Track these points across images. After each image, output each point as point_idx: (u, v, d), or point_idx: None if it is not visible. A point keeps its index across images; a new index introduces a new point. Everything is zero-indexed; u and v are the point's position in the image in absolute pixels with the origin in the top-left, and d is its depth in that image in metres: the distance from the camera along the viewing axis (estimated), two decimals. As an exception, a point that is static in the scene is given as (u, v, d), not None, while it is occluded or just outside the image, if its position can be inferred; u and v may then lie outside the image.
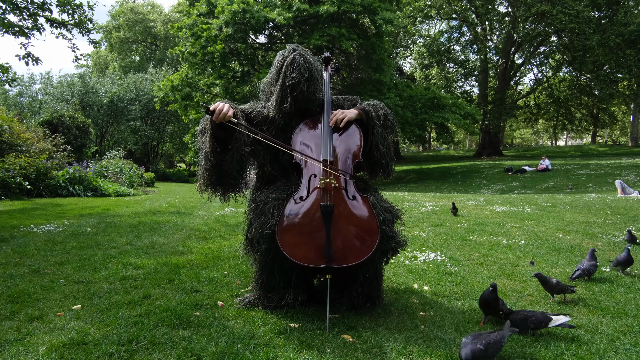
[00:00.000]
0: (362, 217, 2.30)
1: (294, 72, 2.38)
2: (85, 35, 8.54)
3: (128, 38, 36.90)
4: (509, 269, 3.44)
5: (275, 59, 2.53)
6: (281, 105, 2.45)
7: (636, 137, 32.98)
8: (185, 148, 26.07)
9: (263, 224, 2.28)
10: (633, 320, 2.39)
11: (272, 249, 2.31)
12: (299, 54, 2.42)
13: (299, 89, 2.40)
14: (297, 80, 2.38)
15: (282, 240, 2.23)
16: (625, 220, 5.53)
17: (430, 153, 45.08)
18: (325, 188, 2.26)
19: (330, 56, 2.82)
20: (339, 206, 2.28)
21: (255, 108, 2.58)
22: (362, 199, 2.35)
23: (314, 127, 2.52)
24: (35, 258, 3.50)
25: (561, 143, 54.87)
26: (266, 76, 2.64)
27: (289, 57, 2.43)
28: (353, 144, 2.50)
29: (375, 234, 2.25)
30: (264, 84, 2.68)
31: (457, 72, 31.97)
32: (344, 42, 17.08)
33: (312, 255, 2.21)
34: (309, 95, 2.46)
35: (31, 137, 10.61)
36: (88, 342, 1.98)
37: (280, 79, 2.43)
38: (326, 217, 2.21)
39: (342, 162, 2.45)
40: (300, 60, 2.40)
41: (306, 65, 2.41)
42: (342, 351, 1.97)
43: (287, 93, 2.42)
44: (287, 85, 2.40)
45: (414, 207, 6.99)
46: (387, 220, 2.37)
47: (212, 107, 2.22)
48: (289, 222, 2.27)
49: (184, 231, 4.92)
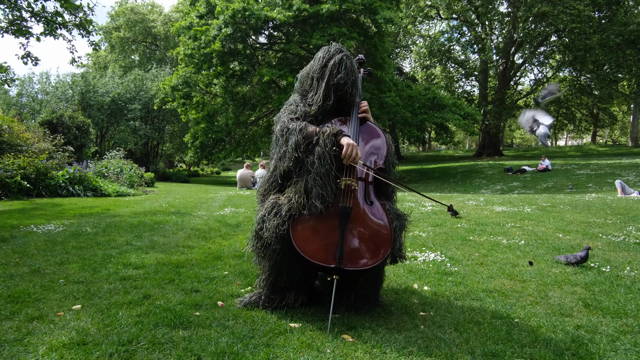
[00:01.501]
0: (377, 224, 2.31)
1: (341, 72, 2.41)
2: (85, 37, 8.55)
3: (128, 38, 36.90)
4: (509, 269, 3.44)
5: (318, 55, 2.55)
6: (325, 102, 2.46)
7: (636, 137, 32.99)
8: (185, 148, 26.06)
9: (279, 225, 2.25)
10: (633, 320, 2.39)
11: (285, 249, 2.30)
12: (346, 56, 2.46)
13: (344, 90, 2.43)
14: (344, 81, 2.41)
15: (295, 235, 2.22)
16: (625, 220, 5.53)
17: (430, 153, 45.08)
18: (346, 189, 2.26)
19: (364, 59, 2.83)
20: (356, 209, 2.28)
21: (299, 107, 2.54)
22: (380, 205, 2.36)
23: (342, 127, 2.51)
24: (35, 258, 3.50)
25: (561, 143, 54.88)
26: (306, 68, 2.65)
27: (336, 56, 2.46)
28: (377, 150, 2.52)
29: (388, 242, 2.26)
30: (303, 75, 2.66)
31: (458, 72, 31.99)
32: (345, 42, 17.08)
33: (324, 253, 2.20)
34: (351, 97, 2.49)
35: (31, 137, 10.62)
36: (88, 342, 1.98)
37: (325, 76, 2.45)
38: (343, 217, 2.21)
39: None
40: (348, 62, 2.44)
41: (352, 68, 2.46)
42: (342, 351, 1.97)
43: (331, 91, 2.44)
44: (332, 83, 2.42)
45: (414, 207, 6.98)
46: (397, 228, 2.39)
47: (344, 149, 2.22)
48: (305, 219, 2.26)
49: (184, 231, 4.92)
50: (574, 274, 3.29)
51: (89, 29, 8.44)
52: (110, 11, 37.40)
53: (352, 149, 2.21)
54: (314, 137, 2.29)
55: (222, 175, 34.68)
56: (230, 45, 18.58)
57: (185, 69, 20.20)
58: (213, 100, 22.21)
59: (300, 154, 2.29)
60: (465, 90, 33.29)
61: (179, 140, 27.82)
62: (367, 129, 2.57)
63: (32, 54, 8.26)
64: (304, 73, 2.65)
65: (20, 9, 7.77)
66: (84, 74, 25.00)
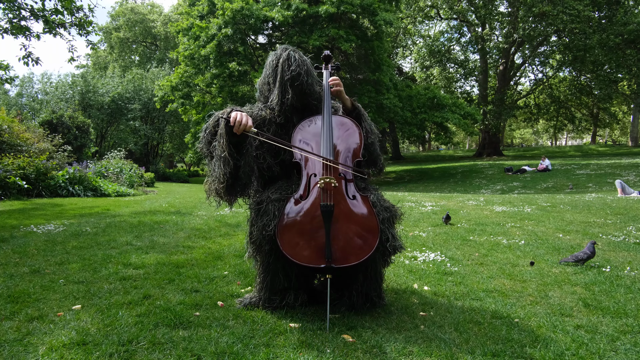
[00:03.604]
0: (362, 217, 2.30)
1: (292, 64, 2.46)
2: (83, 36, 8.55)
3: (128, 38, 36.90)
4: (509, 269, 3.44)
5: (268, 60, 2.61)
6: (283, 98, 2.50)
7: (636, 137, 32.99)
8: (186, 148, 26.05)
9: (265, 225, 2.29)
10: (633, 320, 2.39)
11: (275, 250, 2.31)
12: (293, 50, 2.53)
13: (299, 80, 2.46)
14: (297, 72, 2.45)
15: (282, 241, 2.23)
16: (625, 220, 5.53)
17: (430, 153, 45.08)
18: (325, 187, 2.26)
19: (330, 54, 2.85)
20: (339, 206, 2.28)
21: (253, 111, 2.60)
22: (362, 198, 2.36)
23: (313, 125, 2.53)
24: (35, 258, 3.50)
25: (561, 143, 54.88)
26: (261, 76, 2.70)
27: (283, 54, 2.51)
28: (353, 143, 2.52)
29: (375, 234, 2.26)
30: (259, 84, 2.71)
31: (457, 72, 31.99)
32: (343, 44, 17.09)
33: (312, 255, 2.21)
34: (309, 87, 2.52)
35: (31, 137, 10.62)
36: (88, 342, 1.98)
37: (278, 74, 2.50)
38: (326, 216, 2.21)
39: (343, 161, 2.46)
40: (296, 55, 2.49)
41: (302, 59, 2.50)
42: (342, 351, 1.97)
43: (287, 86, 2.48)
44: (286, 78, 2.46)
45: (414, 207, 6.98)
46: (386, 220, 2.37)
47: (231, 117, 2.23)
48: (289, 222, 2.28)
49: (184, 231, 4.92)
50: (574, 274, 3.29)
51: (89, 29, 8.44)
52: (111, 11, 37.42)
53: (239, 116, 2.23)
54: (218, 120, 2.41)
55: (222, 175, 34.61)
56: (230, 45, 18.58)
57: (186, 68, 20.20)
58: (213, 100, 22.21)
59: (208, 134, 2.45)
60: (465, 91, 33.29)
61: (179, 140, 27.82)
62: (340, 121, 2.57)
63: (33, 55, 8.25)
64: (260, 82, 2.70)
65: (19, 7, 7.77)
66: (83, 74, 25.00)
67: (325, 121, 2.48)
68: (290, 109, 2.54)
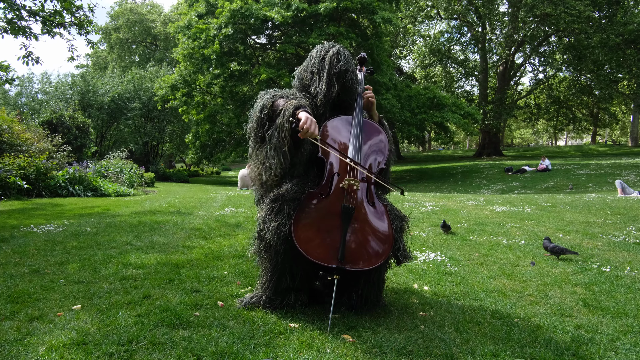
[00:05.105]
0: (379, 225, 2.31)
1: (341, 60, 2.49)
2: (83, 35, 8.53)
3: (128, 38, 36.88)
4: (509, 269, 3.44)
5: (315, 50, 2.62)
6: (329, 91, 2.49)
7: (636, 137, 32.98)
8: (186, 148, 26.01)
9: (280, 225, 2.25)
10: (633, 320, 2.39)
11: (287, 250, 2.29)
12: (343, 47, 2.57)
13: (346, 77, 2.48)
14: (345, 68, 2.48)
15: (297, 235, 2.21)
16: (625, 220, 5.53)
17: (430, 153, 45.08)
18: (348, 189, 2.26)
19: (365, 57, 2.86)
20: (358, 209, 2.29)
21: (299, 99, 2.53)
22: (382, 206, 2.37)
23: (344, 125, 2.52)
24: (35, 258, 3.50)
25: (561, 143, 54.88)
26: (303, 64, 2.68)
27: (333, 49, 2.54)
28: (380, 151, 2.53)
29: (389, 244, 2.27)
30: (300, 70, 2.68)
31: (458, 72, 31.99)
32: (342, 41, 17.08)
33: (325, 253, 2.20)
34: (353, 85, 2.54)
35: (31, 137, 10.62)
36: (88, 342, 1.98)
37: (326, 66, 2.51)
38: (345, 217, 2.21)
39: (369, 167, 2.45)
40: (345, 52, 2.53)
41: (350, 57, 2.54)
42: (342, 351, 1.97)
43: (334, 79, 2.48)
44: (334, 72, 2.48)
45: (414, 207, 6.98)
46: (399, 229, 2.39)
47: (301, 122, 2.19)
48: (307, 218, 2.26)
49: (184, 231, 4.92)
50: (574, 274, 3.29)
51: (89, 29, 8.43)
52: (110, 11, 37.40)
53: (309, 122, 2.19)
54: (279, 108, 2.34)
55: (222, 175, 34.68)
56: (230, 45, 18.58)
57: (186, 64, 20.19)
58: (213, 100, 22.21)
59: (264, 115, 2.37)
60: (465, 90, 33.29)
61: (179, 140, 27.81)
62: (368, 127, 2.56)
63: (34, 54, 8.24)
64: (302, 69, 2.67)
65: (18, 8, 7.76)
66: (83, 74, 24.99)
67: (356, 124, 2.48)
68: (328, 102, 2.53)
